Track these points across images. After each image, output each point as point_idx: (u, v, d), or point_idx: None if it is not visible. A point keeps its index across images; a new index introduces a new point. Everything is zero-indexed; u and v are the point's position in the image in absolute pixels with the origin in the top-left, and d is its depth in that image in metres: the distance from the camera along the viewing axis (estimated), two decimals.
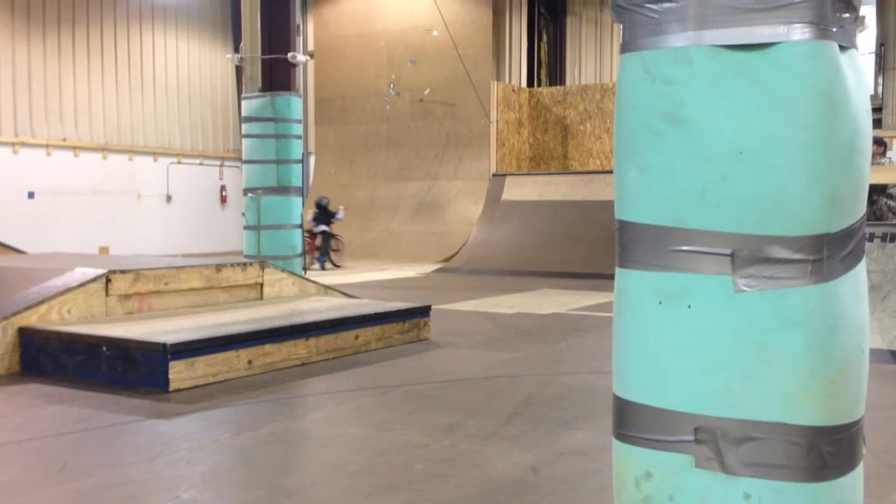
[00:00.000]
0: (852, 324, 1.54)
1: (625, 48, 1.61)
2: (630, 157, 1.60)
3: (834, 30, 1.48)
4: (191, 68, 18.71)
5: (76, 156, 16.20)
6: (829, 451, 1.51)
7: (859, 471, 1.62)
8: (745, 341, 1.50)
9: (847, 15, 1.51)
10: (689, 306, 1.53)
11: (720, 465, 1.53)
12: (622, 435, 1.65)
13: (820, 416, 1.50)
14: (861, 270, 1.59)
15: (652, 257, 1.57)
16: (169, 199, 18.02)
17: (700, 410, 1.53)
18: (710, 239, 1.51)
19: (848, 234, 1.53)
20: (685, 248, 1.53)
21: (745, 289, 1.49)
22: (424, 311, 6.56)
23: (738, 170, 1.48)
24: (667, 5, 1.52)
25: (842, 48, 1.50)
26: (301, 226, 10.25)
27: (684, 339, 1.54)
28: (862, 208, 1.57)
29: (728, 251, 1.50)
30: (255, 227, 9.90)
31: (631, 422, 1.62)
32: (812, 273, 1.48)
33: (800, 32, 1.45)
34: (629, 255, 1.62)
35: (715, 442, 1.52)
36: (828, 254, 1.49)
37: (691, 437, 1.54)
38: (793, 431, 1.49)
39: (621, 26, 1.63)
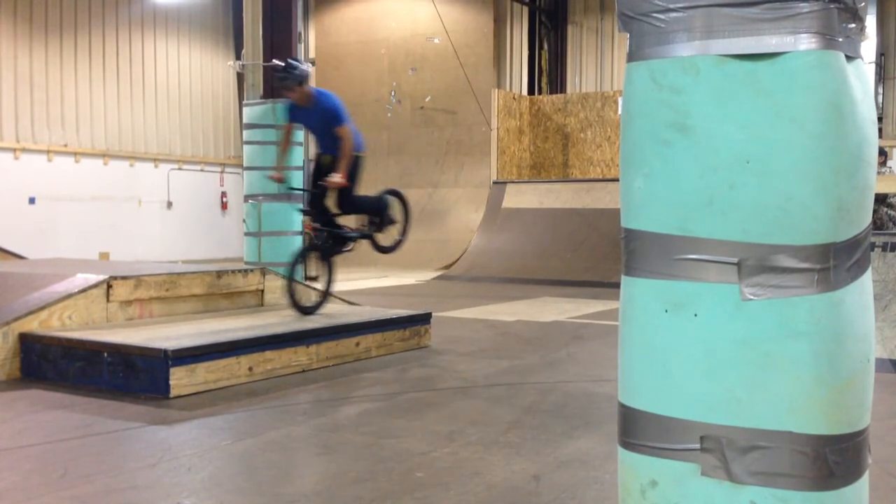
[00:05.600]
0: (858, 333, 1.54)
1: (631, 57, 1.61)
2: (636, 166, 1.60)
3: (840, 40, 1.48)
4: (192, 75, 18.74)
5: (77, 162, 16.21)
6: (835, 460, 1.51)
7: (865, 480, 1.62)
8: (751, 350, 1.50)
9: (853, 25, 1.51)
10: (696, 315, 1.54)
11: (726, 474, 1.52)
12: (627, 443, 1.65)
13: (826, 426, 1.50)
14: (867, 280, 1.59)
15: (658, 265, 1.57)
16: (170, 205, 18.02)
17: (706, 419, 1.53)
18: (717, 247, 1.51)
19: (854, 244, 1.53)
20: (691, 256, 1.54)
21: (752, 297, 1.49)
22: (425, 319, 6.56)
23: (744, 179, 1.48)
24: (674, 15, 1.53)
25: (848, 58, 1.51)
26: (302, 232, 10.26)
27: (690, 348, 1.54)
28: (868, 218, 1.58)
29: (734, 260, 1.50)
30: (255, 234, 9.90)
31: (636, 430, 1.62)
32: (818, 282, 1.48)
33: (807, 42, 1.45)
34: (635, 264, 1.62)
35: (721, 450, 1.52)
36: (834, 263, 1.49)
37: (697, 446, 1.54)
38: (799, 440, 1.49)
39: (627, 35, 1.63)
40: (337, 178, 6.25)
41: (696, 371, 1.54)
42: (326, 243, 6.62)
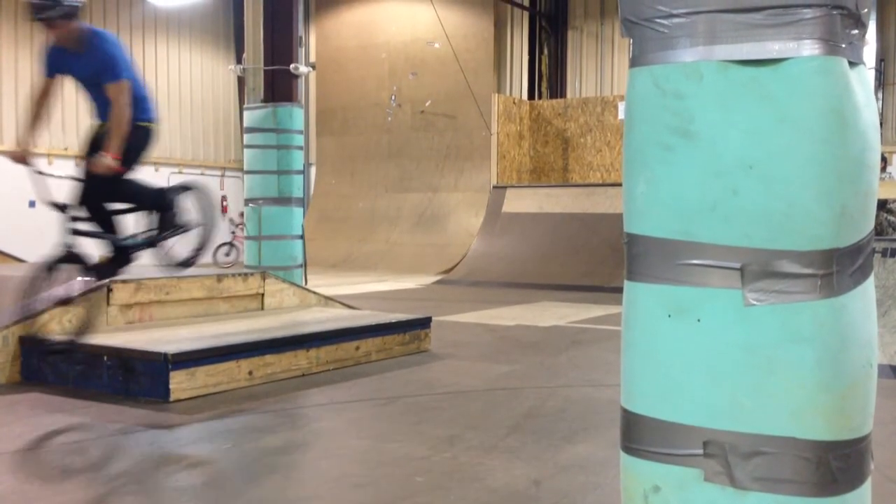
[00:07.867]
0: (861, 338, 1.54)
1: (634, 62, 1.61)
2: (639, 171, 1.60)
3: (843, 46, 1.48)
4: (193, 79, 18.75)
5: (78, 165, 16.24)
6: (838, 465, 1.51)
7: (867, 486, 1.61)
8: (754, 355, 1.50)
9: (856, 31, 1.51)
10: (699, 320, 1.53)
11: (729, 480, 1.52)
12: (630, 448, 1.65)
13: (829, 431, 1.50)
14: (869, 285, 1.59)
15: (661, 271, 1.57)
16: None
17: (709, 424, 1.53)
18: (720, 253, 1.51)
19: (857, 249, 1.53)
20: (694, 261, 1.53)
21: (755, 303, 1.49)
22: (425, 323, 6.56)
23: (747, 184, 1.48)
24: (677, 20, 1.53)
25: (851, 64, 1.51)
26: (302, 236, 10.27)
27: (693, 353, 1.54)
28: (871, 223, 1.58)
29: (737, 265, 1.50)
30: (255, 238, 9.91)
31: (639, 435, 1.62)
32: (822, 288, 1.48)
33: (810, 48, 1.45)
34: (638, 269, 1.62)
35: (724, 456, 1.52)
36: (837, 268, 1.49)
37: (700, 451, 1.54)
38: (802, 446, 1.49)
39: (629, 40, 1.63)
40: (107, 159, 4.42)
41: (699, 376, 1.54)
42: (101, 256, 4.70)
